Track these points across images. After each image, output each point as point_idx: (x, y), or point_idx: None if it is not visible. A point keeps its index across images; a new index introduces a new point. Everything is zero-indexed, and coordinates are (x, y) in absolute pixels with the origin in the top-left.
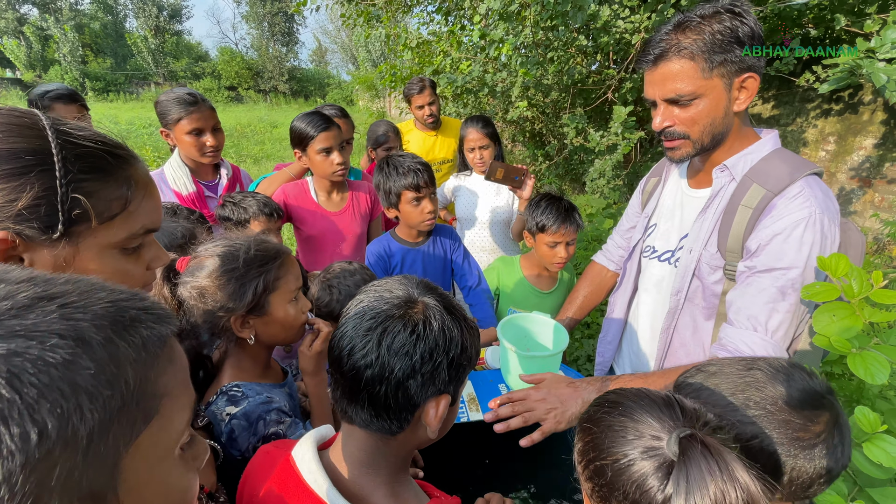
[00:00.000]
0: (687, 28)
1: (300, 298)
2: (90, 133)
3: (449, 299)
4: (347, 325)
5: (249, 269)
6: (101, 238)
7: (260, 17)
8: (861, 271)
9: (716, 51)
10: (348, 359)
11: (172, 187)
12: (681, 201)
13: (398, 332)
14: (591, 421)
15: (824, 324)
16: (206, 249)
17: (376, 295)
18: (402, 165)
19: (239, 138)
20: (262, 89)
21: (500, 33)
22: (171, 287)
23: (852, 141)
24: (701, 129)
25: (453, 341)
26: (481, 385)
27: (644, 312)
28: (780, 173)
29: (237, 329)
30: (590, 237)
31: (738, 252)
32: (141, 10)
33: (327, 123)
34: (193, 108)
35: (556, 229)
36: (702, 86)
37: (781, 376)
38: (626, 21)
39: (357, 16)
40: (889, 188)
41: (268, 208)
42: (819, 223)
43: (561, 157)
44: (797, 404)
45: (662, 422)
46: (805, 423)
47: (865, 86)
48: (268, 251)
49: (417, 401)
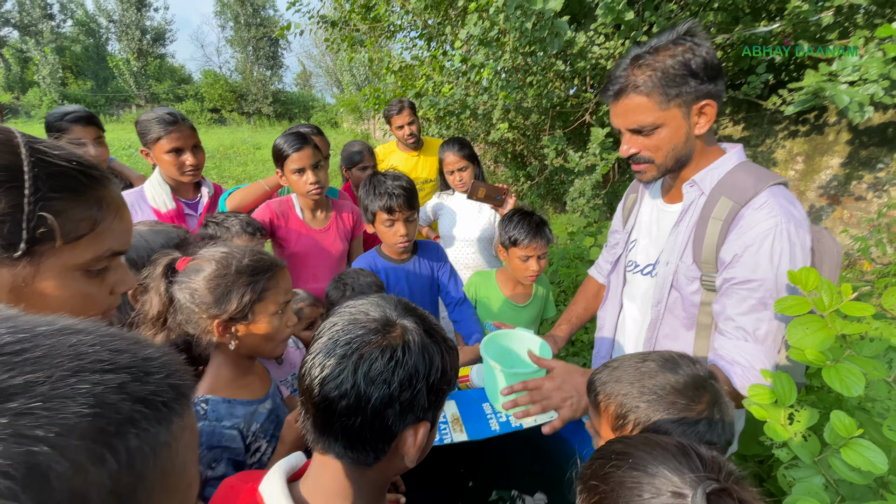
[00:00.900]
0: (641, 65)
1: (287, 312)
2: (65, 152)
3: (428, 320)
4: (319, 351)
5: (240, 277)
6: (65, 259)
7: (244, 42)
8: (831, 284)
9: (670, 85)
10: (321, 388)
11: (151, 204)
12: (657, 217)
13: (375, 359)
14: (598, 477)
15: (798, 337)
16: (207, 252)
17: (350, 318)
18: (381, 185)
19: (221, 160)
20: (246, 111)
21: (480, 58)
22: (168, 284)
23: (819, 160)
24: (664, 154)
25: (434, 366)
26: (465, 405)
27: (630, 325)
28: (745, 185)
29: (219, 334)
30: (572, 255)
31: (713, 263)
32: (124, 33)
33: (301, 143)
34: (173, 128)
35: (527, 243)
36: (660, 116)
37: (669, 364)
38: (602, 47)
39: (341, 41)
40: (857, 205)
41: (251, 227)
42: (786, 232)
43: (542, 178)
44: (682, 388)
45: (682, 474)
46: (689, 402)
47: (830, 108)
48: (261, 262)
49: (395, 430)
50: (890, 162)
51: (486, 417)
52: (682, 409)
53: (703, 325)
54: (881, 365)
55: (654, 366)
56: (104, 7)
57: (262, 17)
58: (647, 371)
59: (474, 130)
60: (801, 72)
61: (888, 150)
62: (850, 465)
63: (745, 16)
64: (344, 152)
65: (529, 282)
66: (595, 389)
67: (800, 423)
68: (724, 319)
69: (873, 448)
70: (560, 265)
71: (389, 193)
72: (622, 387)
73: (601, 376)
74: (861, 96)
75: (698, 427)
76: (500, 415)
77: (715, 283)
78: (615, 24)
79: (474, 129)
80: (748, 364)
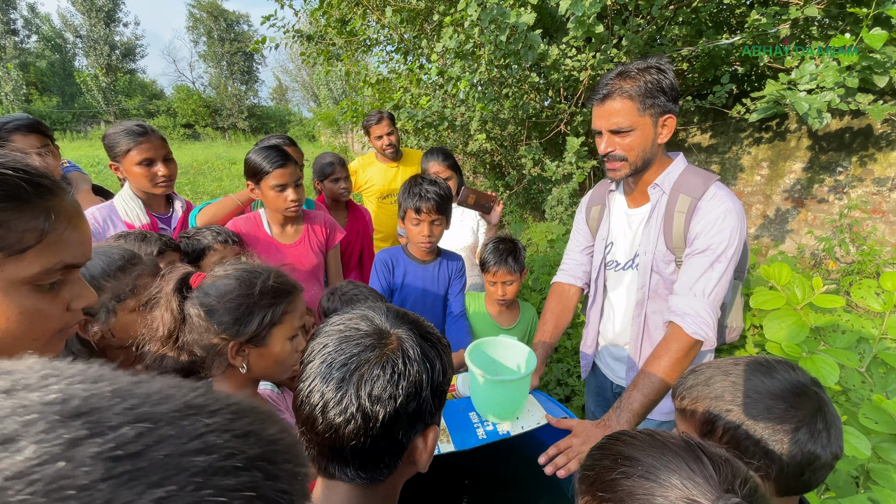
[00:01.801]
0: (627, 77)
1: (299, 337)
2: (9, 160)
3: (421, 324)
4: (314, 377)
5: (263, 299)
6: (10, 272)
7: (218, 56)
8: (803, 279)
9: (647, 96)
10: (323, 417)
11: (124, 219)
12: (627, 220)
13: (377, 377)
14: (604, 483)
15: (774, 330)
16: (223, 269)
17: (341, 336)
18: (417, 187)
19: (196, 176)
20: (221, 126)
21: (456, 71)
22: (180, 301)
23: (783, 165)
24: (636, 154)
25: (435, 370)
26: (452, 415)
27: (617, 311)
28: (696, 183)
29: (231, 356)
30: (552, 262)
31: (682, 246)
32: (92, 48)
33: (284, 160)
34: (143, 139)
35: (493, 270)
36: (636, 121)
37: (763, 368)
38: (574, 60)
39: (318, 55)
40: (820, 207)
41: (221, 236)
42: (735, 212)
43: (520, 187)
44: (779, 392)
45: (696, 484)
46: (787, 408)
47: (791, 115)
48: (284, 285)
49: (406, 441)
50: (849, 165)
51: (472, 426)
52: (780, 414)
53: None
54: (853, 355)
55: (746, 369)
56: (71, 22)
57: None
58: (739, 374)
59: (452, 142)
60: (763, 82)
61: (846, 154)
62: None
63: (709, 29)
64: (316, 165)
65: (500, 305)
66: (680, 394)
67: None
68: (680, 283)
69: (857, 434)
70: (541, 272)
71: (421, 195)
72: (711, 390)
73: (687, 380)
74: (819, 103)
75: (798, 435)
76: (486, 423)
77: None
78: (586, 37)
79: (452, 140)
80: (695, 314)
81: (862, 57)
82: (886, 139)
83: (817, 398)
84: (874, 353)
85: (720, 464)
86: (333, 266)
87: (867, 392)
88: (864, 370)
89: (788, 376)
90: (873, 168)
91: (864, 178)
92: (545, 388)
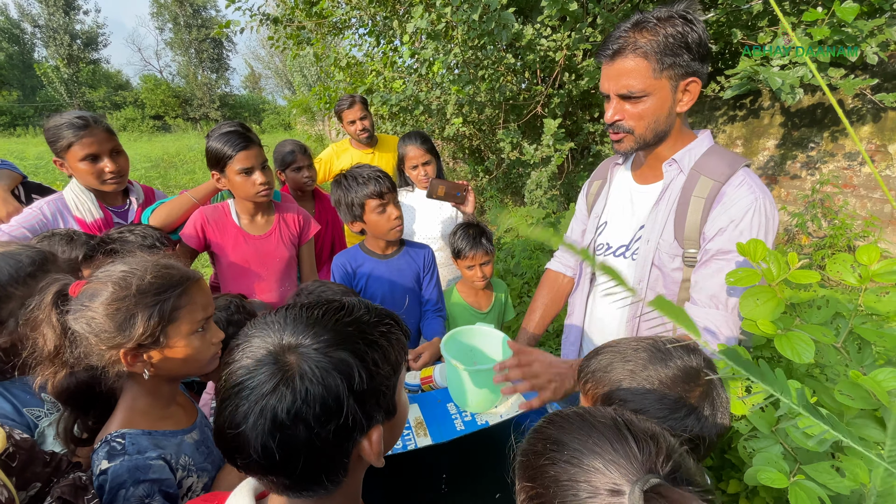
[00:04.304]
0: (644, 28)
1: (209, 328)
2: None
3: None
4: (225, 405)
5: (143, 298)
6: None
7: (185, 44)
8: (778, 255)
9: (667, 53)
10: (239, 449)
11: (75, 214)
12: (630, 198)
13: (283, 410)
14: (533, 471)
15: (749, 308)
16: (104, 273)
17: (239, 366)
18: (361, 175)
19: (167, 168)
20: (192, 117)
21: (429, 52)
22: (60, 314)
23: (757, 143)
24: (646, 125)
25: (353, 378)
26: (428, 407)
27: (606, 308)
28: (721, 166)
29: (128, 363)
30: (533, 247)
31: (696, 240)
32: (51, 38)
33: (247, 142)
34: (85, 132)
35: (468, 254)
36: (651, 85)
37: (660, 356)
38: (549, 39)
39: (287, 38)
40: (793, 183)
41: (148, 240)
42: (763, 208)
43: (500, 172)
44: (671, 382)
45: (619, 466)
46: (678, 398)
47: (764, 92)
48: (168, 277)
49: (347, 450)
50: (820, 141)
51: (450, 418)
52: (671, 405)
53: (683, 301)
54: (829, 331)
55: (645, 356)
56: (28, 12)
57: (202, 17)
58: (638, 362)
59: (429, 126)
60: (737, 59)
61: (818, 130)
62: (806, 433)
63: None
64: (276, 154)
65: (480, 286)
66: (584, 376)
67: (758, 395)
68: (699, 289)
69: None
70: (521, 257)
71: (375, 178)
72: (610, 377)
73: (591, 363)
74: (792, 79)
75: (687, 422)
76: (465, 414)
77: (697, 257)
78: (560, 16)
79: (429, 125)
80: (716, 329)
81: (833, 31)
82: (857, 114)
83: (708, 382)
84: (850, 327)
85: (644, 441)
86: (307, 262)
87: (843, 368)
88: (840, 345)
89: (682, 363)
90: (844, 143)
91: (835, 154)
92: None
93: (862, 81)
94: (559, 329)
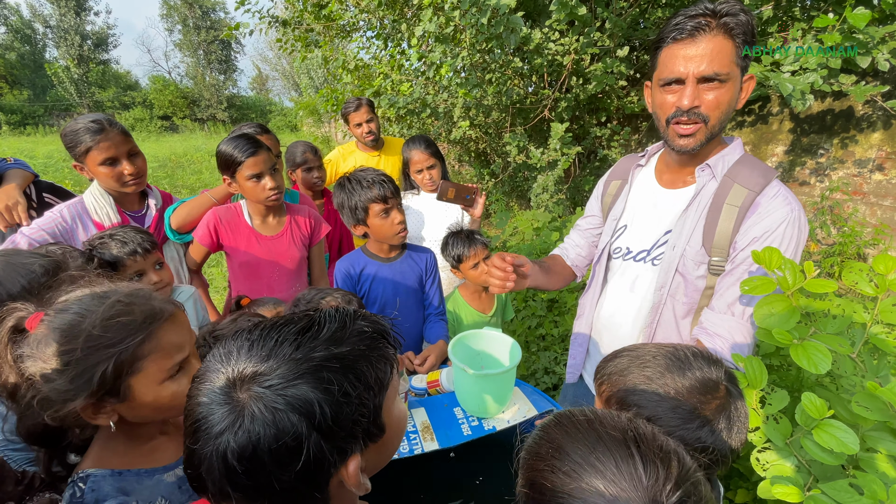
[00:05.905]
0: (723, 9)
1: (187, 368)
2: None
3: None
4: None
5: (95, 351)
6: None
7: (194, 45)
8: (793, 263)
9: (745, 39)
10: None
11: (94, 218)
12: (654, 202)
13: (232, 454)
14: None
15: (764, 317)
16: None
17: (196, 402)
18: (365, 179)
19: (174, 169)
20: (200, 118)
21: (437, 56)
22: (16, 354)
23: (766, 149)
24: (719, 116)
25: (313, 414)
26: (436, 411)
27: (621, 312)
28: (755, 175)
29: (89, 417)
30: (538, 250)
31: (725, 248)
32: (62, 39)
33: (255, 147)
34: (101, 136)
35: (469, 254)
36: (733, 70)
37: (678, 364)
38: (557, 44)
39: (295, 41)
40: (801, 190)
41: (128, 247)
42: (797, 220)
43: (506, 175)
44: (688, 392)
45: (621, 490)
46: (692, 409)
47: (773, 98)
48: (125, 323)
49: (319, 484)
50: (830, 147)
51: (457, 422)
52: (685, 415)
53: (702, 309)
54: (845, 341)
55: (663, 363)
56: (40, 12)
57: (212, 19)
58: (656, 368)
59: (436, 129)
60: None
61: (828, 136)
62: (821, 446)
63: None
64: (287, 154)
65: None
66: (600, 378)
67: (772, 406)
68: (719, 295)
69: (844, 429)
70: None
71: (378, 182)
72: (626, 381)
73: (608, 366)
74: (802, 84)
75: (700, 434)
76: (472, 419)
77: (724, 267)
78: (569, 20)
79: (436, 128)
80: (729, 336)
81: (845, 37)
82: (867, 120)
83: (726, 396)
84: (865, 338)
85: (652, 463)
86: (317, 263)
87: (859, 379)
88: (855, 356)
89: (701, 374)
90: (854, 150)
91: (845, 160)
92: (532, 378)
93: (873, 88)
94: (564, 334)
